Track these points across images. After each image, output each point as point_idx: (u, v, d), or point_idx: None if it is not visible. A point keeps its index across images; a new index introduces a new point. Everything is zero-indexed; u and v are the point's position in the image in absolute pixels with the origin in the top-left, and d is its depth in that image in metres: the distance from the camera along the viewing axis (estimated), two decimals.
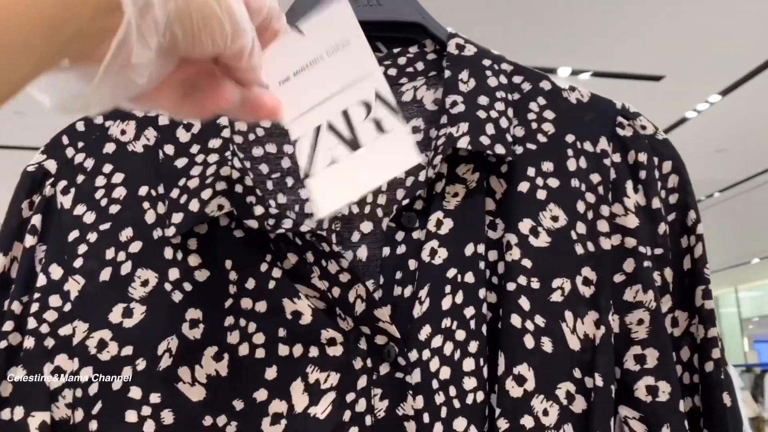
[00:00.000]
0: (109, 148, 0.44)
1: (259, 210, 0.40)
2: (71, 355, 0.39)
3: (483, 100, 0.44)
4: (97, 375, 0.38)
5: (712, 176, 5.09)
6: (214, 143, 0.42)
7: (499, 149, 0.42)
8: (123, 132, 0.44)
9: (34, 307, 0.40)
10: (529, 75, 0.47)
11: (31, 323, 0.40)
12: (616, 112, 0.46)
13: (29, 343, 0.39)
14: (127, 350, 0.39)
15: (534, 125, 0.45)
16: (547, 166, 0.44)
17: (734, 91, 3.74)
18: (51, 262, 0.41)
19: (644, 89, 3.62)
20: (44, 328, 0.40)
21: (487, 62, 0.46)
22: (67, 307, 0.40)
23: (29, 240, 0.42)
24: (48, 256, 0.41)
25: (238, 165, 0.42)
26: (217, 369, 0.38)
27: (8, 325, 0.40)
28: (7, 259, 0.42)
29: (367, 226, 0.43)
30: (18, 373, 0.39)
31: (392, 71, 0.47)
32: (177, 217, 0.40)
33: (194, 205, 0.40)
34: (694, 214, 0.45)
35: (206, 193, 0.40)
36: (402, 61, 0.47)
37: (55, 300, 0.40)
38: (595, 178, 0.44)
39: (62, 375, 0.39)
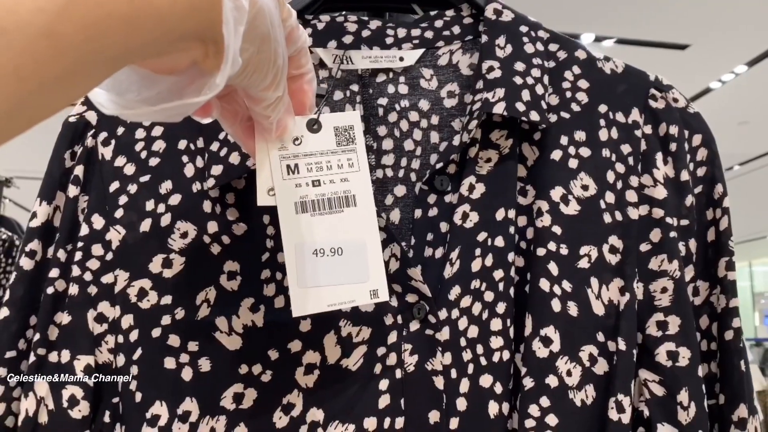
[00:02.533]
0: None
1: None
2: (113, 303, 0.41)
3: (519, 66, 0.44)
4: (138, 322, 0.40)
5: (732, 149, 5.01)
6: None
7: (534, 116, 0.42)
8: None
9: (78, 255, 0.41)
10: (564, 43, 0.48)
11: (75, 271, 0.41)
12: (649, 84, 0.47)
13: (73, 290, 0.41)
14: (167, 299, 0.40)
15: (568, 94, 0.45)
16: (580, 135, 0.44)
17: (761, 61, 3.64)
18: (93, 212, 0.42)
19: (669, 58, 3.54)
20: (87, 276, 0.41)
21: (524, 29, 0.46)
22: (109, 256, 0.41)
23: (72, 190, 0.43)
24: (90, 206, 0.43)
25: None
26: (253, 320, 0.40)
27: (54, 272, 0.42)
28: (51, 208, 0.43)
29: (400, 190, 0.44)
30: (64, 319, 0.41)
31: (429, 33, 0.47)
32: (216, 169, 0.41)
33: (234, 158, 0.41)
34: (721, 188, 0.46)
35: None
36: (439, 23, 0.48)
37: (97, 249, 0.42)
38: (626, 148, 0.45)
39: (105, 321, 0.41)
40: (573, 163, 0.44)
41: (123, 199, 0.42)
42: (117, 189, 0.43)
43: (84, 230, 0.42)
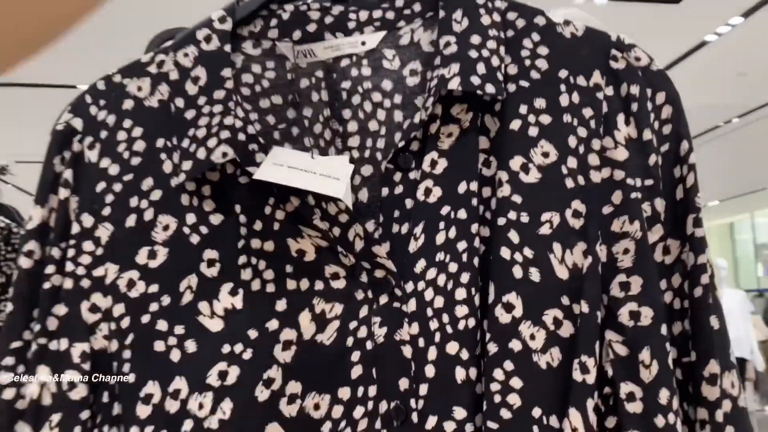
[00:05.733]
0: (128, 104, 0.45)
1: (260, 157, 0.41)
2: (105, 294, 0.42)
3: (475, 39, 0.42)
4: (128, 310, 0.41)
5: (731, 101, 4.92)
6: (219, 94, 0.42)
7: (490, 89, 0.41)
8: (139, 89, 0.45)
9: (71, 252, 0.42)
10: (523, 11, 0.45)
11: (69, 266, 0.42)
12: (610, 45, 0.44)
13: (68, 284, 0.42)
14: (153, 288, 0.41)
15: (527, 62, 0.44)
16: (540, 102, 0.43)
17: (757, 12, 3.55)
18: (82, 211, 0.43)
19: (662, 12, 3.42)
20: (80, 271, 0.42)
21: (481, 0, 0.45)
22: (99, 251, 0.42)
23: (63, 192, 0.44)
24: (80, 206, 0.43)
25: (241, 114, 0.42)
26: (233, 303, 0.40)
27: (50, 269, 0.43)
28: (46, 210, 0.44)
29: (367, 170, 0.44)
30: (61, 310, 0.42)
31: (390, 14, 0.46)
32: (186, 165, 0.41)
33: (201, 154, 0.41)
34: (686, 144, 0.44)
35: (212, 142, 0.41)
36: (399, 3, 0.46)
37: (88, 245, 0.43)
38: (588, 112, 0.43)
39: (98, 311, 0.42)
40: (533, 131, 0.42)
41: (109, 198, 0.43)
42: (104, 189, 0.43)
43: (75, 229, 0.43)
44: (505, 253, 0.40)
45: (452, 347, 0.40)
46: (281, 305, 0.40)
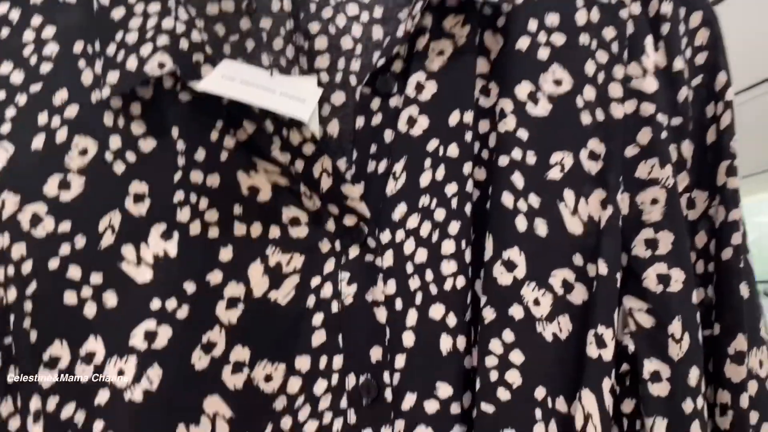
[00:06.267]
0: None
1: (207, 70, 0.32)
2: (1, 230, 0.34)
3: None
4: (31, 252, 0.33)
5: None
6: None
7: None
8: None
9: None
10: None
11: None
12: None
13: None
14: (65, 226, 0.33)
15: None
16: (552, 18, 0.35)
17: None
18: None
19: None
20: None
21: None
22: None
23: None
24: None
25: (184, 17, 0.34)
26: (165, 248, 0.32)
27: None
28: None
29: (338, 97, 0.36)
30: None
31: None
32: (112, 77, 0.33)
33: (132, 63, 0.33)
34: (724, 76, 0.36)
35: (146, 49, 0.32)
36: None
37: None
38: (609, 33, 0.35)
39: None
40: (543, 53, 0.34)
41: (11, 112, 0.35)
42: (3, 101, 0.35)
43: None
44: (506, 199, 0.33)
45: (437, 310, 0.32)
46: (226, 254, 0.33)
